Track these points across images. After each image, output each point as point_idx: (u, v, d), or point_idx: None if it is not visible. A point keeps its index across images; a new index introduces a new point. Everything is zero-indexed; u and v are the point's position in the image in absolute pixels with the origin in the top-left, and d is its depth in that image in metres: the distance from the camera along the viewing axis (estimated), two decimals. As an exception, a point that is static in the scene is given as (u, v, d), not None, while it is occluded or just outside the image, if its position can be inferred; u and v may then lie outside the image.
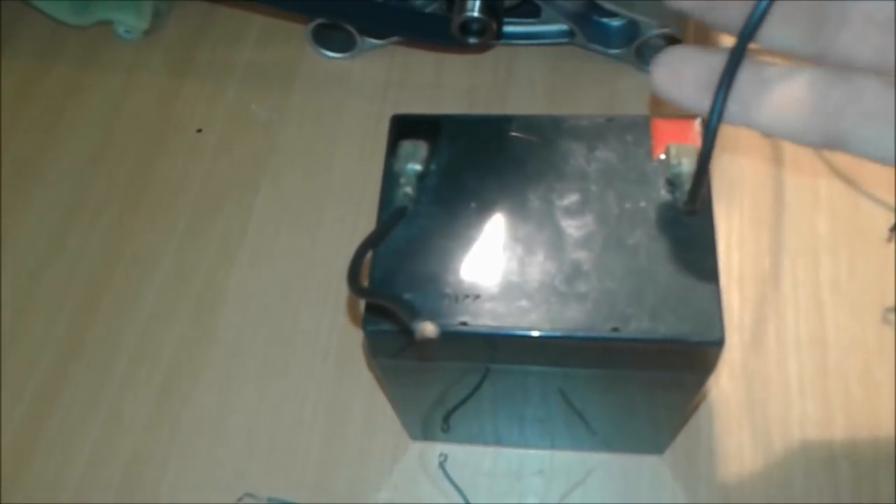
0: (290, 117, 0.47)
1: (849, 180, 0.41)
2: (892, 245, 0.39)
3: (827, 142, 0.22)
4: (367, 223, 0.41)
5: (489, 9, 0.38)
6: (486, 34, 0.38)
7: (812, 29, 0.22)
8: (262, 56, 0.50)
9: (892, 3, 0.21)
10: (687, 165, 0.27)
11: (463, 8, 0.38)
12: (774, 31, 0.22)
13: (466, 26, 0.38)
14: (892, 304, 0.38)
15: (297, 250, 0.42)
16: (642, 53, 0.45)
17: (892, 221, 0.39)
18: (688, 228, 0.26)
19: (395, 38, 0.47)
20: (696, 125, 0.28)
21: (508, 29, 0.45)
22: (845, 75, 0.22)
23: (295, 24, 0.49)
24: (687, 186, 0.26)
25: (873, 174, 0.41)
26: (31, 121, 0.48)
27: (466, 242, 0.27)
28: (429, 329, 0.21)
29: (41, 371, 0.40)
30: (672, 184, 0.27)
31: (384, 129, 0.44)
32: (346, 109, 0.47)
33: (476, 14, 0.37)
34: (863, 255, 0.39)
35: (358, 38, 0.47)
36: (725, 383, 0.37)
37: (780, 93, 0.22)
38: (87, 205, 0.45)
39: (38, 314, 0.41)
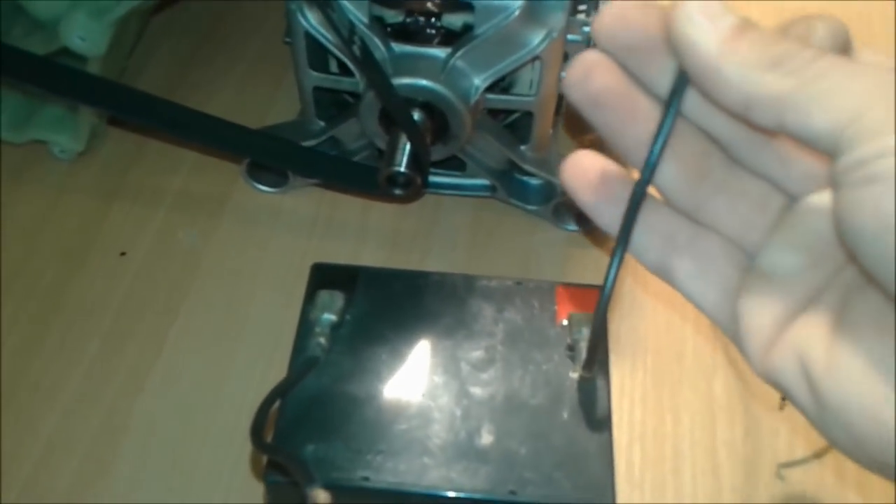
0: (216, 247, 0.48)
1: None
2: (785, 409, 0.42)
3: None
4: (280, 364, 0.42)
5: (416, 163, 0.40)
6: (411, 187, 0.40)
7: (693, 180, 0.22)
8: (194, 185, 0.51)
9: (768, 183, 0.22)
10: (586, 333, 0.28)
11: (391, 162, 0.40)
12: (663, 165, 0.22)
13: (393, 179, 0.40)
14: (785, 460, 0.40)
15: (207, 385, 0.42)
16: (559, 211, 0.48)
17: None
18: (586, 393, 0.28)
19: (326, 179, 0.49)
20: (596, 294, 0.30)
21: (435, 179, 0.48)
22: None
23: (225, 159, 0.51)
24: (585, 354, 0.28)
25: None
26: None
27: (374, 396, 0.27)
28: (321, 497, 0.21)
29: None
30: (572, 349, 0.29)
31: (307, 266, 0.45)
32: (272, 244, 0.48)
33: (402, 169, 0.39)
34: (756, 416, 0.42)
35: (290, 175, 0.49)
36: (625, 541, 0.38)
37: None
38: (-3, 323, 0.44)
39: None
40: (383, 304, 0.30)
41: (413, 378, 0.28)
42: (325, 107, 0.47)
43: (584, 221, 0.48)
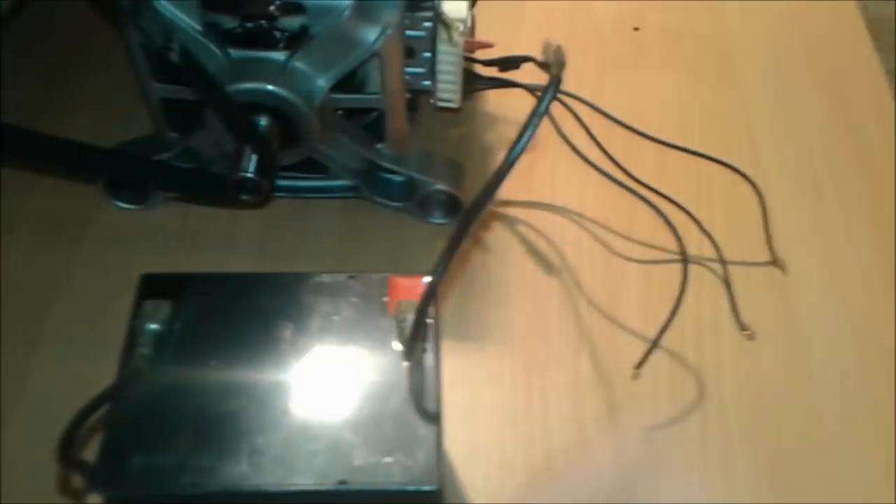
0: (78, 270, 0.46)
1: (608, 316, 0.45)
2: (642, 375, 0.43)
3: None
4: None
5: (262, 168, 0.40)
6: (259, 192, 0.40)
7: None
8: (55, 205, 0.49)
9: None
10: (410, 318, 0.29)
11: (236, 168, 0.40)
12: None
13: (240, 185, 0.40)
14: (652, 423, 0.41)
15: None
16: (424, 206, 0.48)
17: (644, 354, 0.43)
18: (415, 380, 0.28)
19: (186, 192, 0.49)
20: (425, 281, 0.31)
21: (297, 183, 0.48)
22: None
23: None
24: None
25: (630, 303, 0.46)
26: None
27: (202, 402, 0.27)
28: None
29: None
30: (400, 336, 0.29)
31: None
32: (138, 262, 0.47)
33: (248, 174, 0.39)
34: (620, 386, 0.43)
35: (151, 191, 0.48)
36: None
37: None
38: None
39: None
40: (214, 310, 0.30)
41: (241, 379, 0.28)
42: (178, 118, 0.47)
43: (450, 213, 0.48)
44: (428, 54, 0.45)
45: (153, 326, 0.28)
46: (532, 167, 0.52)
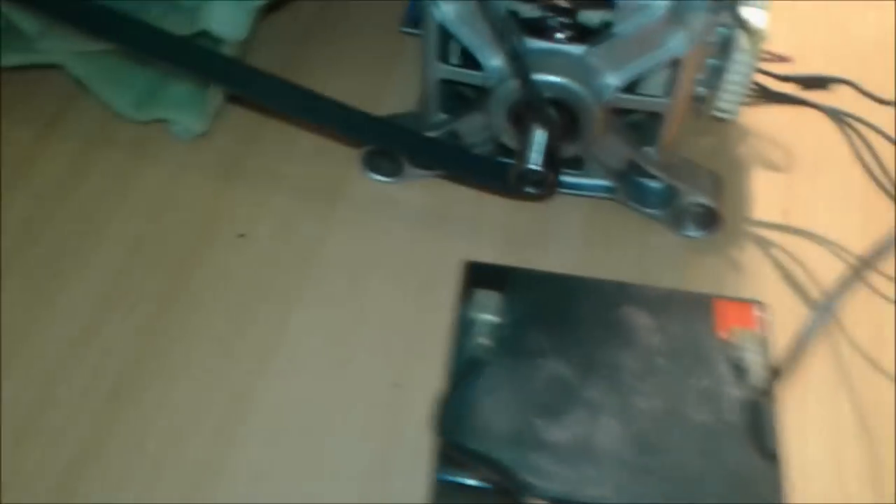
0: (333, 234, 0.48)
1: (870, 359, 0.43)
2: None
3: None
4: (401, 357, 0.42)
5: (549, 161, 0.40)
6: (544, 185, 0.40)
7: None
8: (310, 170, 0.51)
9: None
10: (752, 351, 0.28)
11: (525, 159, 0.40)
12: None
13: (525, 176, 0.40)
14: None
15: (330, 375, 0.42)
16: (678, 217, 0.47)
17: None
18: (753, 415, 0.27)
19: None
20: (755, 309, 0.30)
21: (554, 177, 0.48)
22: None
23: (342, 144, 0.51)
24: (753, 371, 0.27)
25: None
26: (74, 207, 0.49)
27: (536, 402, 0.27)
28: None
29: (55, 472, 0.39)
30: (737, 366, 0.28)
31: (421, 255, 0.45)
32: (386, 234, 0.48)
33: (537, 167, 0.39)
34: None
35: (406, 166, 0.49)
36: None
37: None
38: (124, 298, 0.45)
39: (59, 410, 0.40)
40: (537, 308, 0.30)
41: (573, 386, 0.28)
42: (444, 99, 0.47)
43: (704, 227, 0.47)
44: (713, 62, 0.44)
45: (488, 317, 0.28)
46: (789, 189, 0.50)
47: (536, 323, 0.29)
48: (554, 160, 0.40)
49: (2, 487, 0.38)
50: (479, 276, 0.30)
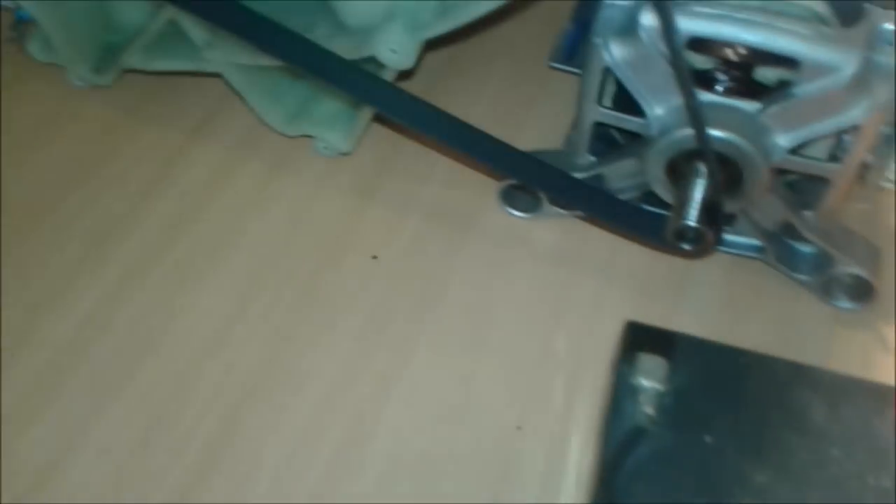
0: (464, 263, 0.47)
1: None
2: None
3: None
4: (523, 396, 0.40)
5: (708, 217, 0.38)
6: (700, 242, 0.39)
7: None
8: (446, 196, 0.51)
9: None
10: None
11: (681, 215, 0.38)
12: None
13: (682, 233, 0.38)
14: None
15: (451, 405, 0.41)
16: (828, 285, 0.45)
17: None
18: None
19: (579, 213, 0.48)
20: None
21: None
22: None
23: (478, 173, 0.51)
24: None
25: None
26: (214, 211, 0.50)
27: (702, 480, 0.26)
28: None
29: (181, 470, 0.39)
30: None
31: (550, 296, 0.44)
32: (516, 269, 0.47)
33: (696, 224, 0.38)
34: None
35: (545, 204, 0.48)
36: None
37: None
38: (257, 304, 0.45)
39: (190, 406, 0.41)
40: (704, 379, 0.28)
41: (740, 466, 0.26)
42: (593, 141, 0.46)
43: (857, 299, 0.44)
44: (885, 129, 0.41)
45: (653, 385, 0.27)
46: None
47: (704, 395, 0.28)
48: (716, 218, 0.38)
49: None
50: (642, 338, 0.29)
